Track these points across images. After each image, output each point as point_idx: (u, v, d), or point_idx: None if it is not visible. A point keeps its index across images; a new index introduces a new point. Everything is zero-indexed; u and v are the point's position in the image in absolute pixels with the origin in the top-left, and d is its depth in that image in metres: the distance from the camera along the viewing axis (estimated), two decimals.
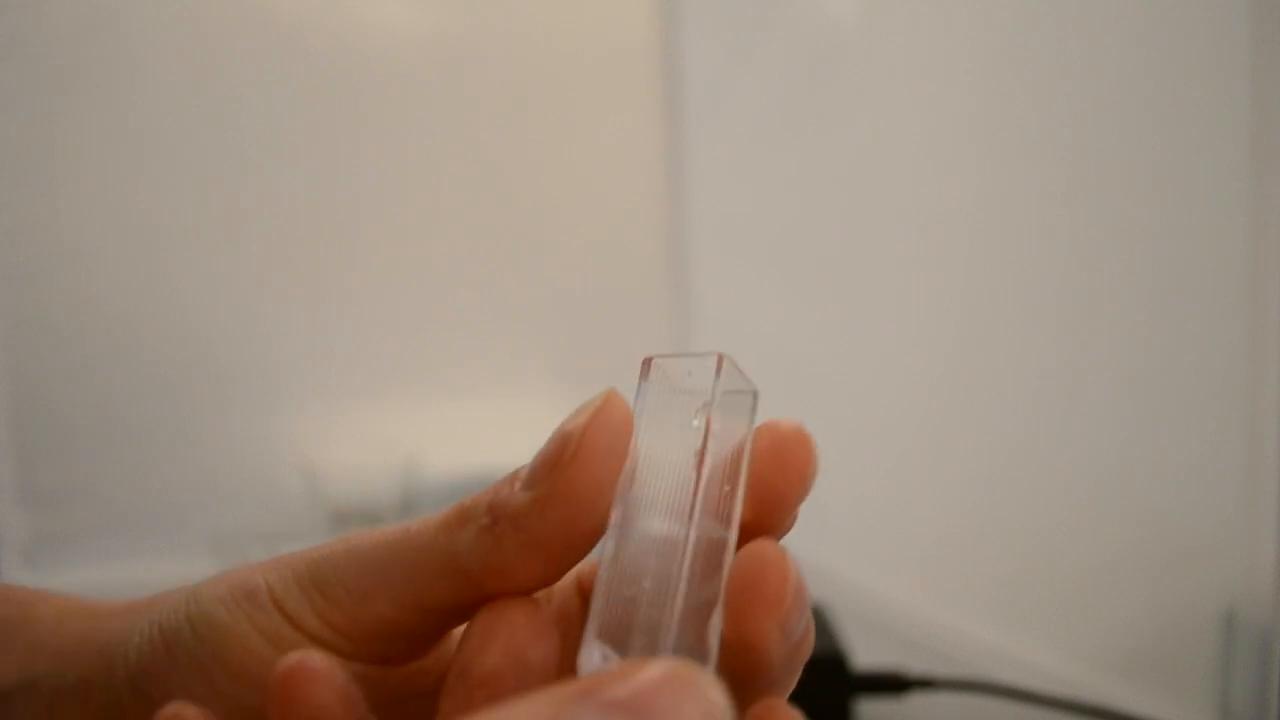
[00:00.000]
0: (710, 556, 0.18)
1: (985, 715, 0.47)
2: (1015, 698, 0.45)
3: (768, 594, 0.18)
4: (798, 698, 0.20)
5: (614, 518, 0.19)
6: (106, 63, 0.77)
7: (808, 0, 0.76)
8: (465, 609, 0.20)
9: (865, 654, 0.49)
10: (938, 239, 0.63)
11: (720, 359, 0.19)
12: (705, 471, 0.19)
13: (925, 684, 0.47)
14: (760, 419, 0.21)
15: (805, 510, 0.21)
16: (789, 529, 0.21)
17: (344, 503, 0.80)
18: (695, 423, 0.19)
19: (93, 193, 0.77)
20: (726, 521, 0.19)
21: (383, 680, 0.21)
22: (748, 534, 0.19)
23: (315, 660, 0.18)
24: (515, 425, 0.96)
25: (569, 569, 0.20)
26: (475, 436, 0.86)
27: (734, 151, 0.89)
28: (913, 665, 0.48)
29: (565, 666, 0.19)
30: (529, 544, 0.19)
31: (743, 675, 0.18)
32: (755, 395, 0.20)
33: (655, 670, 0.14)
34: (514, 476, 0.19)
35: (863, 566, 0.67)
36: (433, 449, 0.84)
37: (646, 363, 0.20)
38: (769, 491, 0.20)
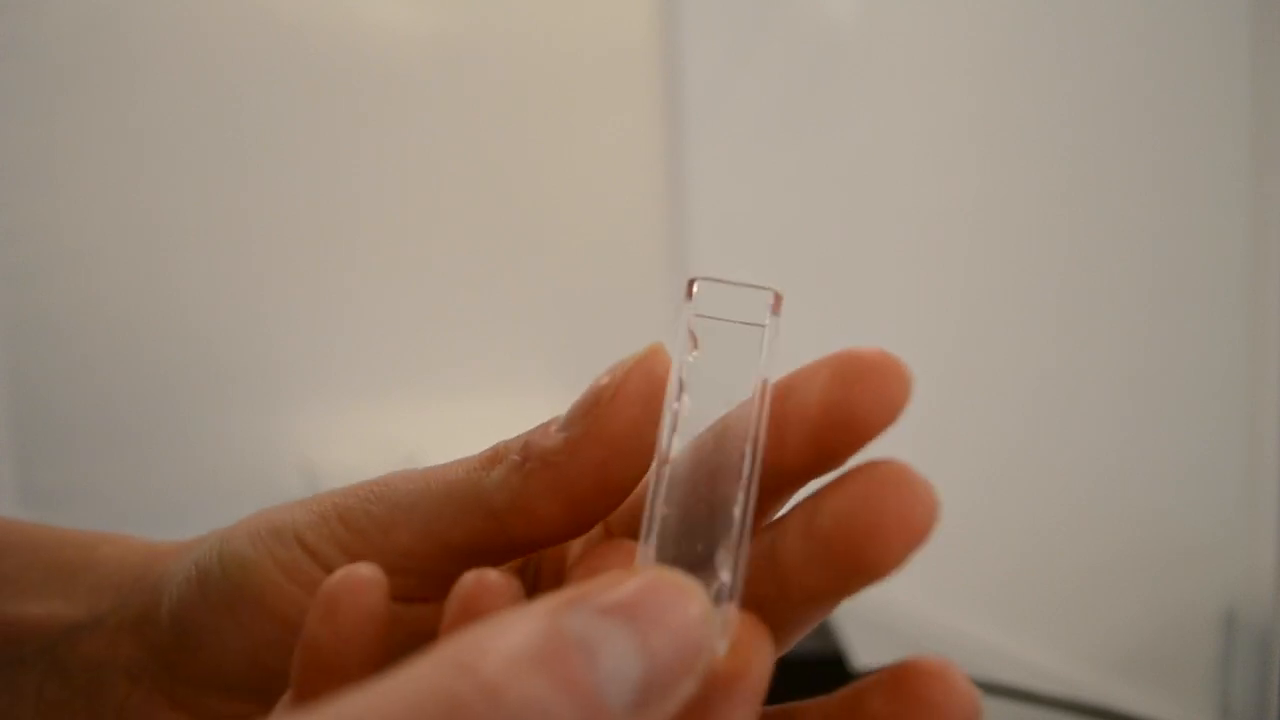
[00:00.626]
0: (749, 490, 0.18)
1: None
2: (1015, 698, 0.45)
3: (917, 529, 0.18)
4: (798, 698, 0.20)
5: (660, 435, 0.18)
6: (106, 63, 0.77)
7: (808, 0, 0.76)
8: (488, 552, 0.20)
9: (865, 654, 0.49)
10: (938, 239, 0.63)
11: (778, 296, 0.19)
12: (763, 414, 0.18)
13: None
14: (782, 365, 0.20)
15: None
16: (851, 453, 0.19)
17: None
18: (753, 364, 0.18)
19: (93, 193, 0.77)
20: (754, 458, 0.18)
21: (399, 618, 0.20)
22: (809, 463, 0.18)
23: (491, 576, 0.18)
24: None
25: (597, 520, 0.19)
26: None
27: (734, 151, 0.89)
28: None
29: None
30: (557, 484, 0.19)
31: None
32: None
33: (645, 577, 0.15)
34: (552, 421, 0.19)
35: None
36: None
37: (691, 284, 0.19)
38: (840, 412, 0.18)
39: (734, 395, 0.18)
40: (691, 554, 0.17)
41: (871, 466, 0.18)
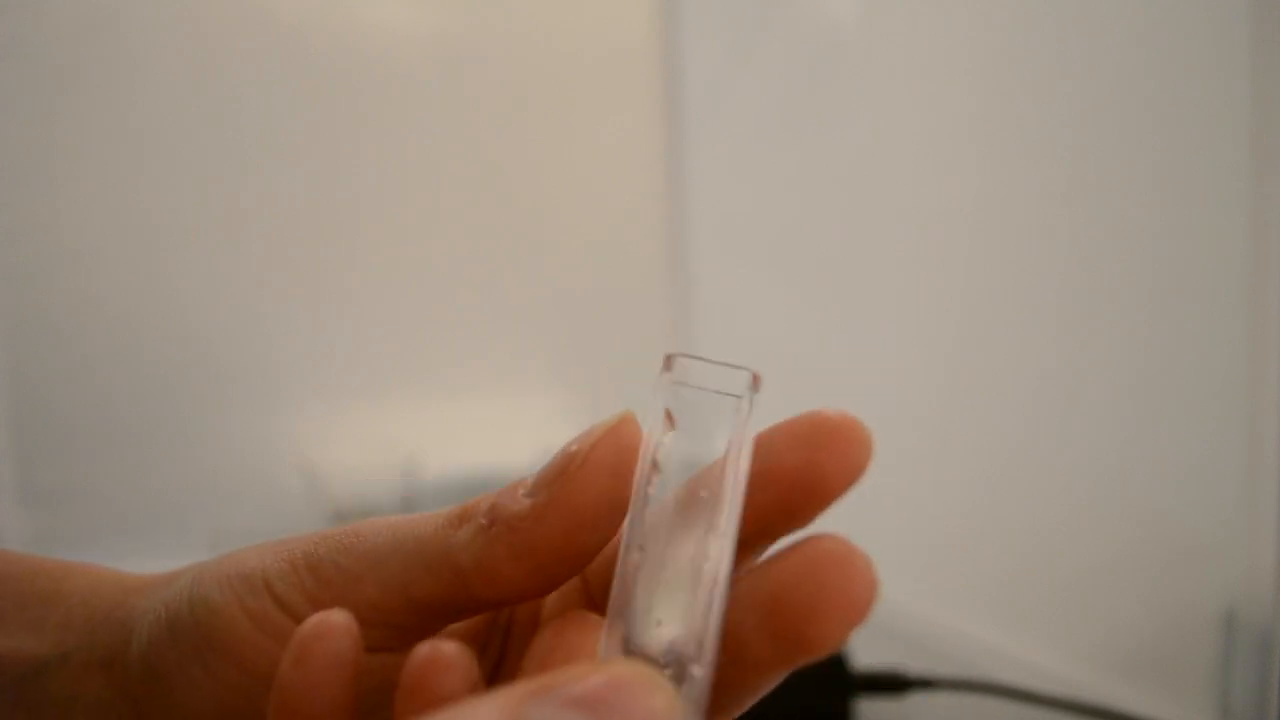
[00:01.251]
0: (721, 562, 0.18)
1: (985, 715, 0.47)
2: (1015, 698, 0.45)
3: (857, 608, 0.17)
4: (798, 698, 0.20)
5: (630, 517, 0.18)
6: (106, 63, 0.77)
7: (808, 0, 0.76)
8: (453, 608, 0.20)
9: (865, 654, 0.50)
10: (938, 239, 0.63)
11: (756, 377, 0.19)
12: (732, 484, 0.18)
13: (925, 684, 0.47)
14: (760, 420, 0.20)
15: None
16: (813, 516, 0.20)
17: (344, 503, 0.80)
18: (724, 437, 0.19)
19: (93, 193, 0.77)
20: (735, 530, 0.18)
21: (366, 667, 0.20)
22: (775, 522, 0.19)
23: (447, 649, 0.18)
24: (515, 425, 0.96)
25: (559, 584, 0.20)
26: (475, 436, 0.86)
27: (734, 151, 0.89)
28: (913, 665, 0.48)
29: None
30: (521, 550, 0.19)
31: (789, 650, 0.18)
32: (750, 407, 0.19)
33: (614, 670, 0.15)
34: (520, 484, 0.20)
35: None
36: (433, 449, 0.84)
37: (669, 359, 0.20)
38: (808, 475, 0.19)
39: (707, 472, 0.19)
40: (659, 636, 0.18)
41: (813, 541, 0.18)
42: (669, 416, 0.19)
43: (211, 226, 0.81)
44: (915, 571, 0.65)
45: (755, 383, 0.19)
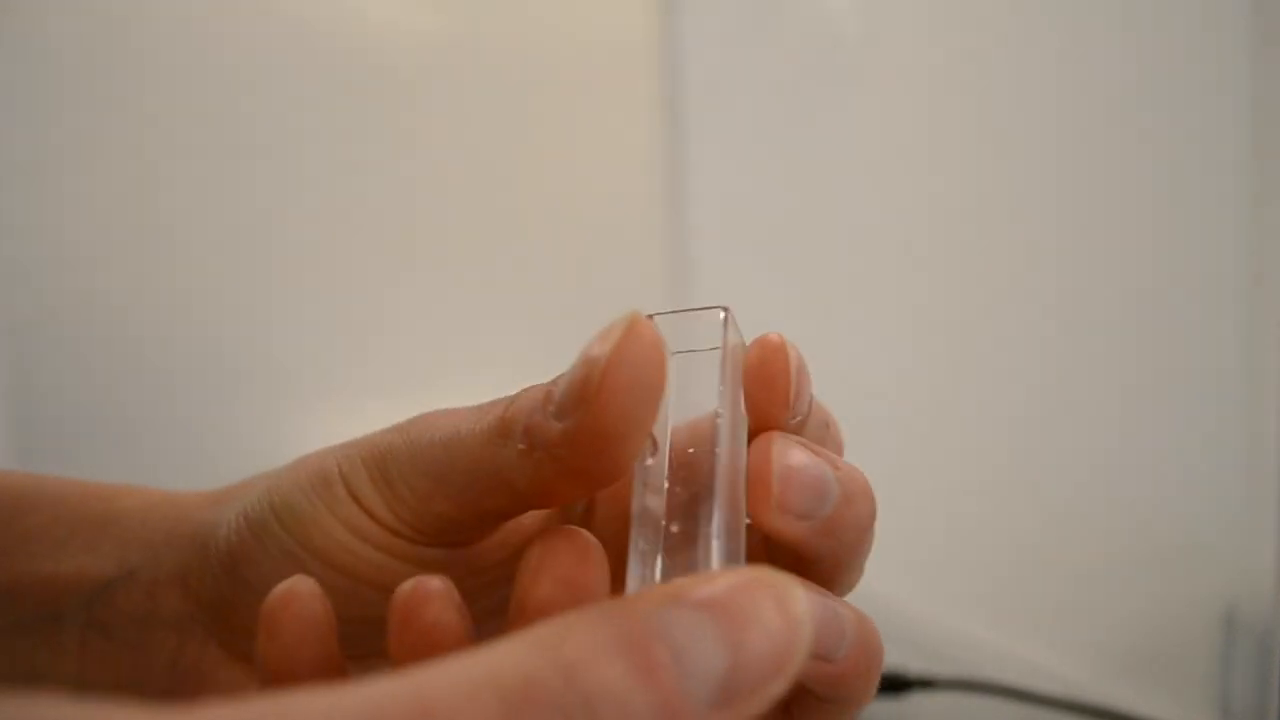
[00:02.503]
0: (734, 475, 0.19)
1: (985, 715, 0.47)
2: (1015, 698, 0.45)
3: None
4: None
5: (634, 489, 0.19)
6: (107, 62, 0.77)
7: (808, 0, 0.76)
8: (515, 513, 0.21)
9: None
10: (938, 238, 0.63)
11: (727, 312, 0.20)
12: (727, 394, 0.20)
13: (925, 684, 0.47)
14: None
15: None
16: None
17: None
18: (711, 350, 0.20)
19: (93, 192, 0.77)
20: (739, 438, 0.20)
21: (454, 560, 0.22)
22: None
23: (432, 583, 0.19)
24: None
25: (609, 484, 0.20)
26: None
27: (734, 150, 0.89)
28: (913, 665, 0.48)
29: (616, 587, 0.20)
30: (566, 470, 0.19)
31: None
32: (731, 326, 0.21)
33: (739, 575, 0.14)
34: (548, 395, 0.20)
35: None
36: None
37: (648, 319, 0.20)
38: (756, 403, 0.21)
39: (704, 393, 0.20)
40: (670, 530, 0.19)
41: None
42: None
43: (212, 225, 0.81)
44: (915, 571, 0.65)
45: (728, 319, 0.21)
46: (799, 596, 0.14)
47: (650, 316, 0.20)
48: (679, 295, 0.95)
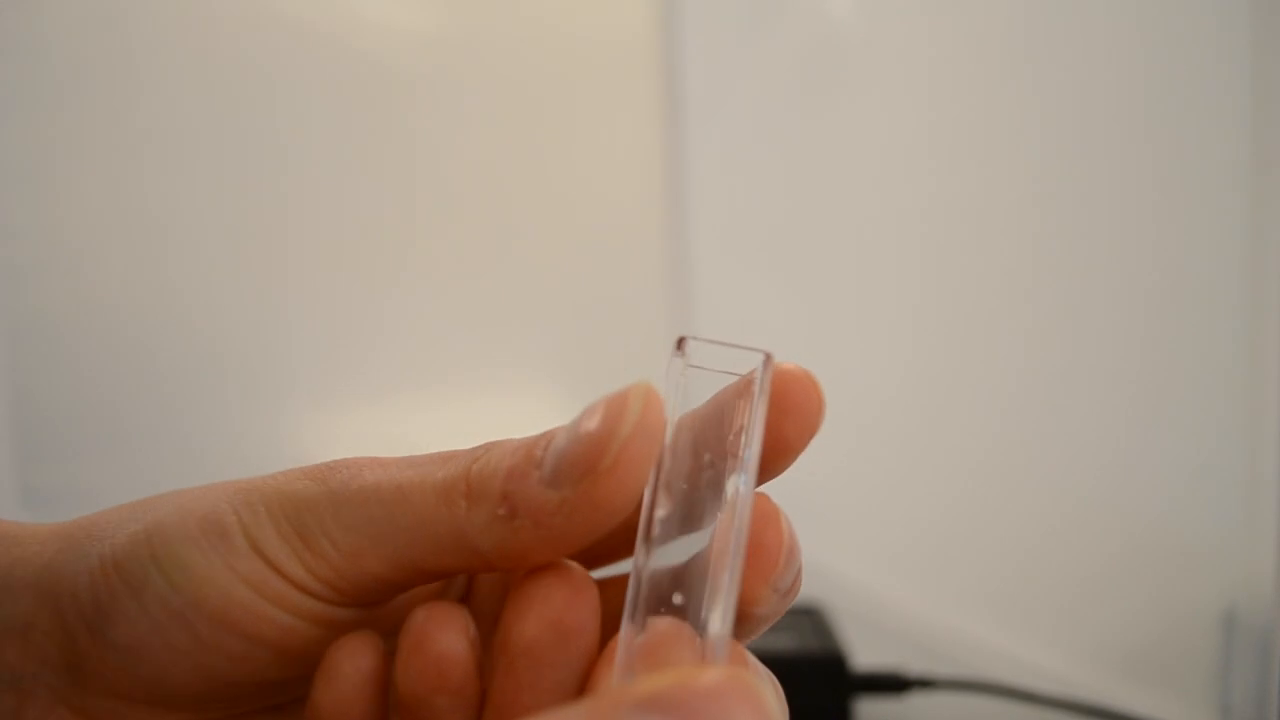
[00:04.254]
0: (738, 532, 0.18)
1: (985, 715, 0.47)
2: (1015, 698, 0.45)
3: (766, 558, 0.19)
4: (798, 698, 0.20)
5: (646, 496, 0.19)
6: (107, 62, 0.77)
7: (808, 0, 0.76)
8: (478, 571, 0.20)
9: (865, 654, 0.49)
10: (939, 237, 0.63)
11: (769, 357, 0.20)
12: (747, 457, 0.19)
13: (925, 684, 0.47)
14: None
15: (805, 508, 0.21)
16: (786, 468, 0.21)
17: None
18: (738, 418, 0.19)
19: (93, 192, 0.77)
20: (749, 497, 0.19)
21: (365, 620, 0.21)
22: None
23: (448, 610, 0.18)
24: (515, 425, 0.95)
25: (589, 544, 0.19)
26: (475, 436, 0.86)
27: (734, 151, 0.89)
28: (913, 665, 0.48)
29: (606, 629, 0.19)
30: (549, 540, 0.18)
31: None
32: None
33: (714, 677, 0.14)
34: (530, 458, 0.18)
35: (863, 566, 0.67)
36: (433, 449, 0.83)
37: (682, 341, 0.20)
38: (777, 436, 0.20)
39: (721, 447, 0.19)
40: (671, 602, 0.18)
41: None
42: (679, 398, 0.20)
43: (212, 226, 0.81)
44: (915, 571, 0.65)
45: (769, 363, 0.20)
46: (773, 702, 0.14)
47: (684, 340, 0.20)
48: (679, 295, 0.95)
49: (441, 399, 0.87)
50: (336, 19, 0.84)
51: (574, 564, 0.19)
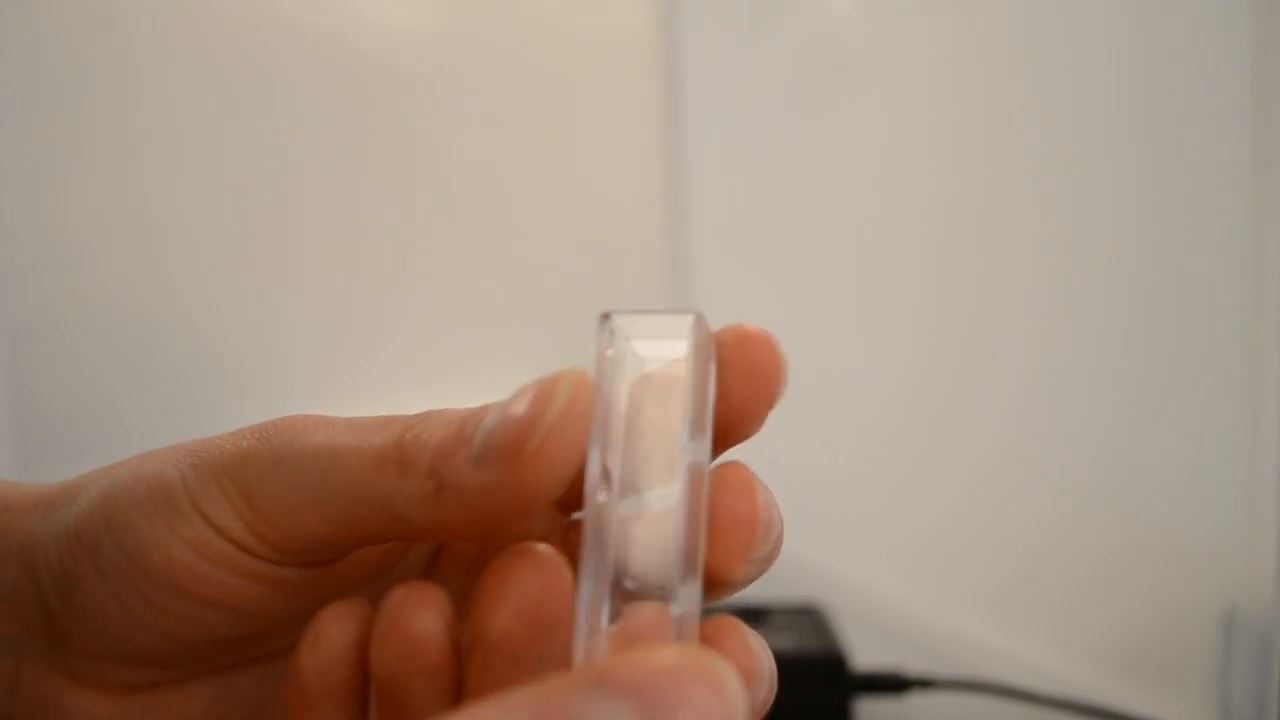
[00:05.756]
0: (693, 505, 0.18)
1: (985, 715, 0.47)
2: (1015, 698, 0.45)
3: (739, 531, 0.18)
4: (798, 698, 0.20)
5: (590, 472, 0.18)
6: (106, 62, 0.77)
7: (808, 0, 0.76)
8: (408, 541, 0.20)
9: (865, 654, 0.49)
10: (939, 237, 0.63)
11: (699, 317, 0.19)
12: (686, 419, 0.18)
13: (925, 684, 0.47)
14: (764, 424, 0.20)
15: (805, 508, 0.20)
16: (753, 434, 0.20)
17: None
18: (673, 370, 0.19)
19: (93, 192, 0.77)
20: (703, 462, 0.18)
21: (313, 580, 0.20)
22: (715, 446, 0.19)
23: (425, 590, 0.18)
24: None
25: (510, 529, 0.19)
26: None
27: (734, 151, 0.89)
28: (913, 665, 0.48)
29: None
30: (474, 515, 0.18)
31: (705, 595, 0.18)
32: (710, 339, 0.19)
33: (669, 657, 0.13)
34: (460, 434, 0.18)
35: (863, 566, 0.67)
36: None
37: (606, 317, 0.20)
38: (736, 401, 0.19)
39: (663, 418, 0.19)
40: (628, 578, 0.17)
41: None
42: (611, 370, 0.19)
43: (212, 226, 0.81)
44: (915, 571, 0.65)
45: (699, 323, 0.19)
46: (733, 683, 0.13)
47: (609, 314, 0.20)
48: (678, 294, 0.95)
49: (441, 399, 0.87)
50: (336, 19, 0.84)
51: (546, 547, 0.18)
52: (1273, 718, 0.40)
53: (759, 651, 0.19)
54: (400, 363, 0.87)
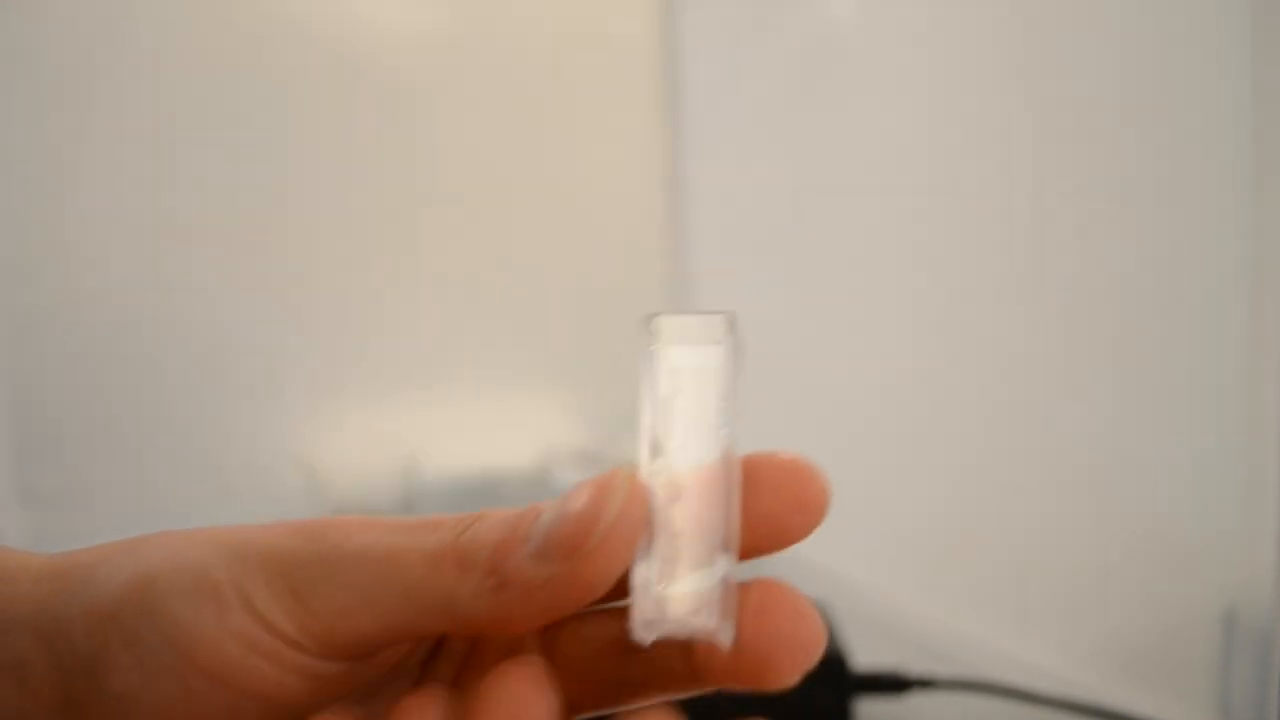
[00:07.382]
0: (725, 483, 0.19)
1: (985, 715, 0.47)
2: (1015, 698, 0.45)
3: (799, 656, 0.19)
4: (798, 698, 0.20)
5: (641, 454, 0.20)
6: (106, 62, 0.77)
7: None
8: (467, 635, 0.21)
9: (865, 654, 0.49)
10: (938, 235, 0.63)
11: (731, 317, 0.20)
12: (717, 407, 0.20)
13: (925, 684, 0.47)
14: (764, 424, 0.21)
15: None
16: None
17: (344, 503, 0.80)
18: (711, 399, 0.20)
19: (93, 192, 0.77)
20: (731, 447, 0.20)
21: (351, 673, 0.21)
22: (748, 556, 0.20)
23: (423, 698, 0.19)
24: (516, 425, 0.96)
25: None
26: (475, 436, 0.86)
27: (734, 149, 0.89)
28: (913, 665, 0.48)
29: None
30: (537, 610, 0.19)
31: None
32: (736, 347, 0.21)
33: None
34: (518, 533, 0.19)
35: (863, 566, 0.67)
36: (433, 448, 0.84)
37: (650, 320, 0.21)
38: (786, 525, 0.20)
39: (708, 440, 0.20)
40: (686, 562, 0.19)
41: (761, 588, 0.19)
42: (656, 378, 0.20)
43: (211, 225, 0.81)
44: (915, 571, 0.65)
45: (732, 324, 0.20)
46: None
47: (653, 317, 0.20)
48: (678, 294, 0.95)
49: (441, 399, 0.87)
50: (337, 19, 0.84)
51: (535, 659, 0.19)
52: (1273, 718, 0.40)
53: (809, 615, 0.19)
54: (401, 362, 0.87)
